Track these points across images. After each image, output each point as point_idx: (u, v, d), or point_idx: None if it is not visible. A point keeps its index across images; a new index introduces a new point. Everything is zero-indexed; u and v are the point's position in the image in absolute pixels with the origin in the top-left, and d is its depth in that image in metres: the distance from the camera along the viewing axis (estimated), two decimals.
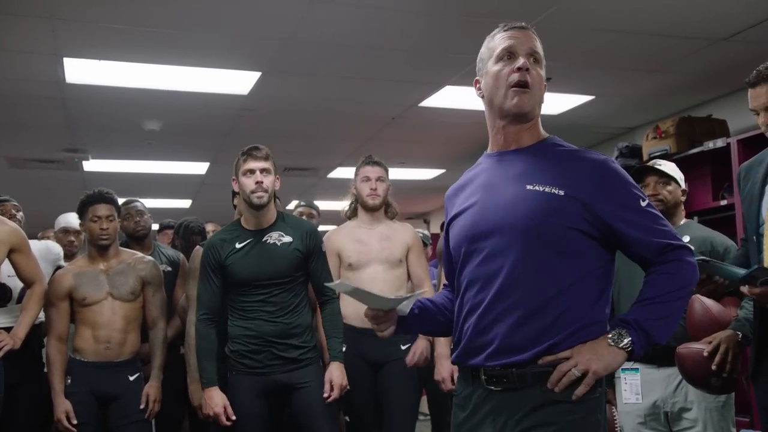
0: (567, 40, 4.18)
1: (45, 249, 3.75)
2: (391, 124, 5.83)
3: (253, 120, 5.62)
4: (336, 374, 2.98)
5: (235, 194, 3.42)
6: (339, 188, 8.86)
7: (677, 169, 3.04)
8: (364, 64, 4.50)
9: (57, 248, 3.92)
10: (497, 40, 1.82)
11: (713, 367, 2.42)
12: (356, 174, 3.55)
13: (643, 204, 1.72)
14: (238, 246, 3.00)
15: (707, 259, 2.23)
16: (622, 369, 2.94)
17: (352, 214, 3.59)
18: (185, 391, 3.28)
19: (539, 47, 1.81)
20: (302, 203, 4.58)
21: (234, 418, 2.91)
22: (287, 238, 3.02)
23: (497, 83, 1.78)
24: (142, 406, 3.24)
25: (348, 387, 3.03)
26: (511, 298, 1.68)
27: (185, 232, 4.49)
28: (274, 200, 3.13)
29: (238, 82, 4.76)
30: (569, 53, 4.39)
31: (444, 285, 2.02)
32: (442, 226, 1.92)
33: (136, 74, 4.54)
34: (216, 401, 2.91)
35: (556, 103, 5.42)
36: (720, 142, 4.31)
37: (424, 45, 4.21)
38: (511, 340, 1.67)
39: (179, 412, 3.99)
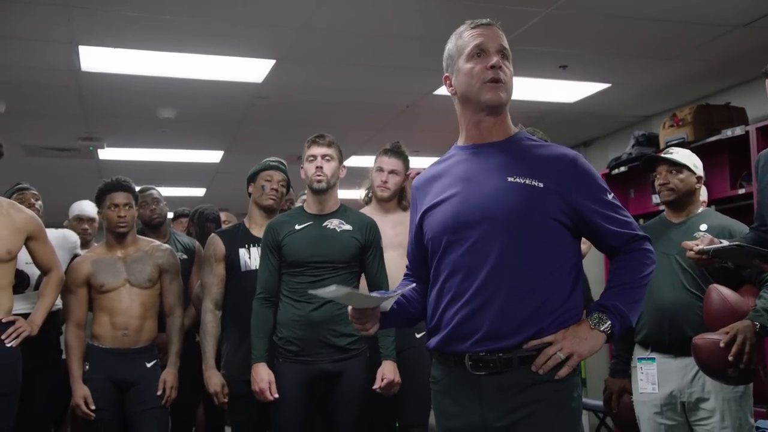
0: (583, 27, 4.15)
1: (62, 237, 3.77)
2: (406, 113, 5.82)
3: (267, 108, 5.62)
4: (388, 370, 3.04)
5: (249, 183, 3.44)
6: (353, 176, 8.87)
7: (692, 155, 3.00)
8: (378, 52, 4.49)
9: (74, 236, 3.95)
10: (466, 38, 1.87)
11: (730, 358, 2.40)
12: (375, 160, 3.57)
13: (610, 197, 1.84)
14: (297, 227, 3.06)
15: (742, 244, 2.20)
16: (638, 358, 2.94)
17: (368, 200, 3.62)
18: (200, 379, 3.30)
19: (506, 43, 1.88)
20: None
21: (277, 395, 2.94)
22: (347, 227, 3.08)
23: (471, 80, 1.85)
24: (159, 393, 3.27)
25: (400, 381, 3.08)
26: (497, 286, 1.77)
27: (200, 219, 4.51)
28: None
29: (253, 70, 4.76)
30: (585, 40, 4.36)
31: (406, 275, 2.07)
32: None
33: (151, 62, 4.55)
34: (262, 376, 2.95)
35: (571, 92, 5.39)
36: (738, 130, 4.26)
37: (439, 33, 4.15)
38: (498, 327, 1.76)
39: (194, 400, 4.03)
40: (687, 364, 2.76)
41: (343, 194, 3.28)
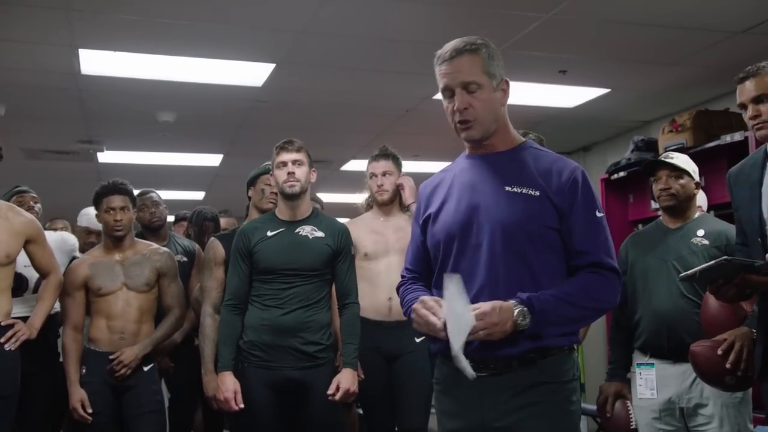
0: (582, 33, 4.15)
1: (60, 240, 3.77)
2: (405, 117, 5.82)
3: (267, 112, 5.63)
4: (345, 378, 2.98)
5: (249, 186, 3.44)
6: (352, 181, 8.85)
7: (690, 161, 3.00)
8: (377, 56, 4.49)
9: (72, 239, 3.94)
10: (437, 76, 1.92)
11: (728, 366, 2.39)
12: (366, 170, 3.58)
13: (599, 215, 1.86)
14: (269, 234, 3.04)
15: (729, 258, 2.18)
16: (637, 364, 2.94)
17: (368, 206, 3.62)
18: (199, 382, 3.29)
19: (473, 72, 1.86)
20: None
21: (242, 406, 2.92)
22: (319, 233, 3.06)
23: (449, 119, 1.92)
24: (111, 356, 3.19)
25: (356, 391, 3.03)
26: (497, 292, 1.79)
27: (198, 218, 4.52)
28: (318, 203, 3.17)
29: (253, 73, 4.76)
30: (584, 45, 4.37)
31: (407, 269, 2.09)
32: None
33: (150, 65, 4.55)
34: (228, 385, 2.94)
35: (571, 97, 5.40)
36: (737, 136, 4.26)
37: (438, 38, 4.15)
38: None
39: (193, 403, 4.02)
40: (685, 370, 2.75)
41: (339, 199, 3.29)
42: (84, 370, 3.25)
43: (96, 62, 4.47)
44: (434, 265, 1.95)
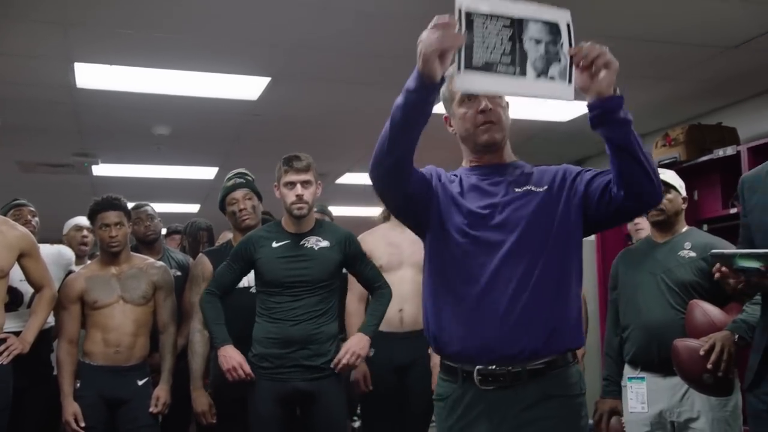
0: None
1: (57, 254, 3.78)
2: None
3: (262, 125, 5.66)
4: (354, 341, 3.01)
5: (222, 211, 3.48)
6: (348, 194, 8.88)
7: (677, 177, 3.07)
8: (372, 70, 4.52)
9: (69, 253, 3.95)
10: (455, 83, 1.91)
11: (708, 366, 2.46)
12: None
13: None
14: (274, 245, 3.04)
15: (718, 252, 2.18)
16: (628, 378, 2.96)
17: (386, 217, 3.64)
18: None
19: None
20: (315, 208, 4.61)
21: (254, 376, 2.92)
22: (325, 243, 3.07)
23: (466, 124, 1.95)
24: (151, 409, 3.27)
25: (363, 358, 3.06)
26: (519, 300, 1.79)
27: (192, 229, 4.54)
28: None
29: (248, 87, 4.80)
30: None
31: None
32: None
33: (146, 79, 4.58)
34: (232, 355, 2.93)
35: (565, 110, 5.44)
36: (730, 150, 4.31)
37: None
38: (509, 344, 1.78)
39: (185, 417, 4.01)
40: (676, 384, 2.78)
41: (335, 212, 3.30)
42: (78, 384, 3.26)
43: (91, 76, 4.50)
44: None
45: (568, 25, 1.69)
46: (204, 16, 3.70)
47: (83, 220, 4.33)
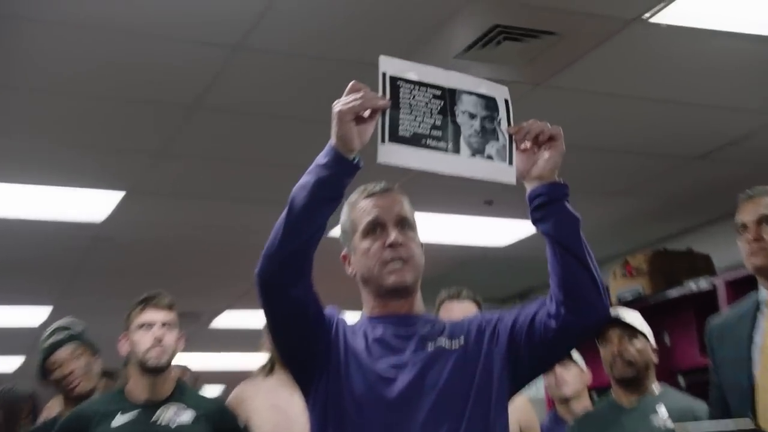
0: None
1: None
2: None
3: (111, 252, 5.55)
4: None
5: (42, 368, 3.30)
6: (226, 339, 8.68)
7: (643, 321, 3.04)
8: (252, 181, 4.54)
9: None
10: (360, 211, 1.95)
11: None
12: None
13: None
14: (117, 422, 2.85)
15: (681, 427, 2.21)
16: None
17: (269, 369, 3.53)
18: None
19: (407, 208, 1.97)
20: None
21: None
22: (185, 417, 2.91)
23: (369, 262, 1.92)
24: None
25: None
26: None
27: (7, 398, 4.28)
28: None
29: (94, 204, 4.71)
30: None
31: None
32: None
33: None
34: None
35: (502, 233, 5.54)
36: (704, 283, 4.38)
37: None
38: None
39: None
40: None
41: (210, 361, 3.18)
42: None
43: None
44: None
45: (506, 101, 1.80)
46: (42, 116, 3.66)
47: None
